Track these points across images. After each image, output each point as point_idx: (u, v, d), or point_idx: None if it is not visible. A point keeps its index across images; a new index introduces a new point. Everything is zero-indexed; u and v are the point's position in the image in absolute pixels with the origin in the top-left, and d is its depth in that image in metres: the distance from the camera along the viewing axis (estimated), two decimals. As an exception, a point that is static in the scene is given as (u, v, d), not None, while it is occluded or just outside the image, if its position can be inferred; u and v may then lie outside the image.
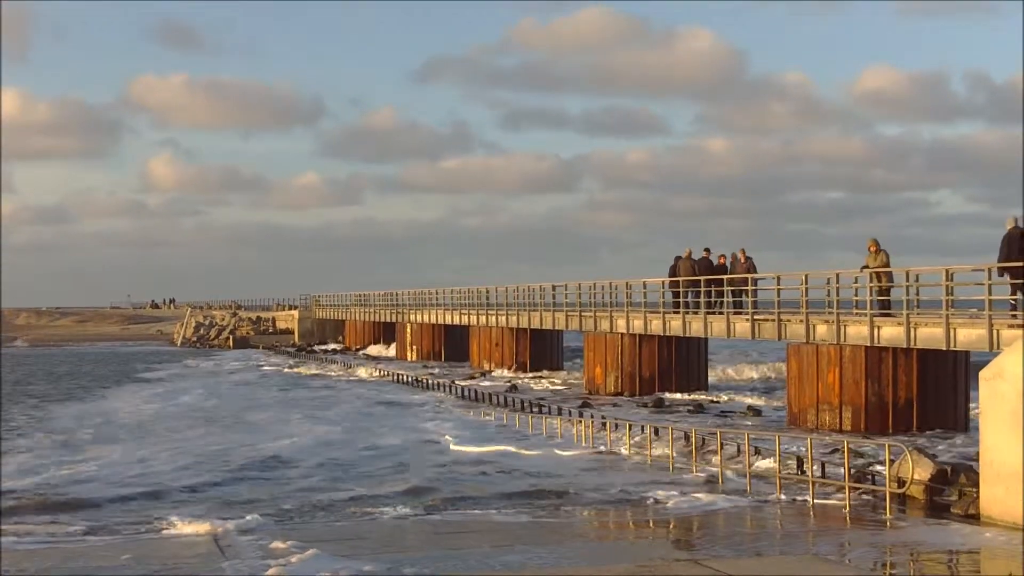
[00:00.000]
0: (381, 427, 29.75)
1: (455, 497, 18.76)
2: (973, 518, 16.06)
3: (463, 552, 14.56)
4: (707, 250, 35.42)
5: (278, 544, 14.85)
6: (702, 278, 34.25)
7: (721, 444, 20.47)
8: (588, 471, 21.48)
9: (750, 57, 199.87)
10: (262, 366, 60.62)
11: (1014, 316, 23.05)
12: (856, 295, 27.82)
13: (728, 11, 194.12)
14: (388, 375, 48.76)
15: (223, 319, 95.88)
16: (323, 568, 13.33)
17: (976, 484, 16.62)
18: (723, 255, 34.72)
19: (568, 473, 21.18)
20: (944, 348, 24.43)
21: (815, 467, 18.86)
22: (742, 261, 33.10)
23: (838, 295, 27.66)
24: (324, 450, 25.17)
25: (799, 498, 17.91)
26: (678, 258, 35.94)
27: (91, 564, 14.11)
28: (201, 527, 16.07)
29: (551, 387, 42.15)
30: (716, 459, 20.39)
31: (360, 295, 78.59)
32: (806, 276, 28.97)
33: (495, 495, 18.94)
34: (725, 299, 33.22)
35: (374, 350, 70.01)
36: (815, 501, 17.53)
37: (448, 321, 58.32)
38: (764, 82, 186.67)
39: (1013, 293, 23.54)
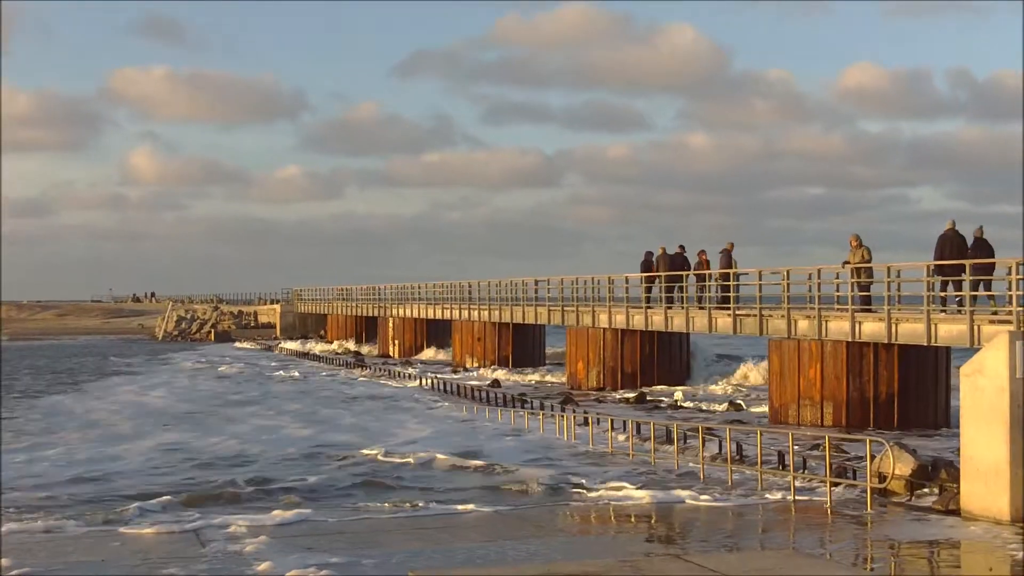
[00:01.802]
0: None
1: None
2: (954, 513, 16.11)
3: (444, 547, 14.55)
4: (681, 247, 35.66)
5: (245, 535, 14.97)
6: (683, 273, 34.50)
7: (703, 440, 20.48)
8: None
9: (733, 53, 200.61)
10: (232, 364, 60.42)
11: (943, 310, 24.11)
12: (837, 291, 27.90)
13: (711, 7, 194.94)
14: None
15: (204, 313, 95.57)
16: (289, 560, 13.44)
17: (957, 479, 16.68)
18: (703, 251, 34.79)
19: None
20: (925, 344, 24.50)
21: (796, 462, 18.89)
22: (729, 251, 32.73)
23: (819, 291, 27.74)
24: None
25: (780, 493, 17.92)
26: (649, 253, 36.48)
27: (79, 557, 14.17)
28: (175, 526, 16.10)
29: (533, 382, 42.13)
30: (698, 455, 20.41)
31: (342, 289, 78.46)
32: (787, 272, 29.03)
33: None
34: (707, 294, 33.29)
35: (356, 345, 69.75)
36: (796, 496, 17.56)
37: (430, 316, 58.25)
38: (747, 78, 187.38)
39: (943, 289, 25.23)
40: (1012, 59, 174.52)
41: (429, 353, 58.45)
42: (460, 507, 17.40)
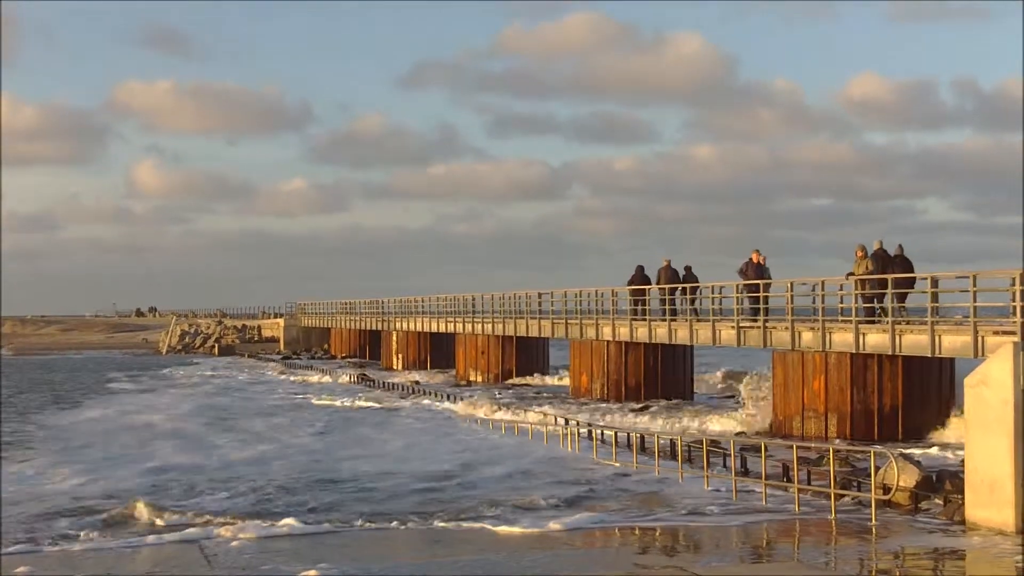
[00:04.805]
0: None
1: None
2: (958, 524, 16.09)
3: (447, 559, 14.57)
4: (667, 260, 36.16)
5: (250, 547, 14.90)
6: (684, 286, 34.55)
7: (707, 452, 20.46)
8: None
9: (739, 63, 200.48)
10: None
11: (871, 322, 26.16)
12: (841, 302, 27.88)
13: (717, 17, 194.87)
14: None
15: (208, 327, 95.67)
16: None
17: (961, 490, 16.66)
18: (688, 265, 35.29)
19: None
20: (929, 355, 24.49)
21: (800, 474, 18.88)
22: (754, 263, 32.18)
23: (824, 302, 27.72)
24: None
25: (784, 505, 17.90)
26: (639, 267, 37.17)
27: (89, 571, 14.14)
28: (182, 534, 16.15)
29: (536, 394, 42.09)
30: (702, 467, 20.38)
31: (346, 303, 78.46)
32: (791, 283, 29.01)
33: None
34: (713, 306, 33.24)
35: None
36: (800, 508, 17.53)
37: (434, 329, 58.23)
38: (752, 89, 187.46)
39: (869, 301, 26.84)
40: (1018, 69, 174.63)
41: (426, 375, 58.42)
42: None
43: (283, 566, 14.10)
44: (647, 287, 36.45)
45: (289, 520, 17.08)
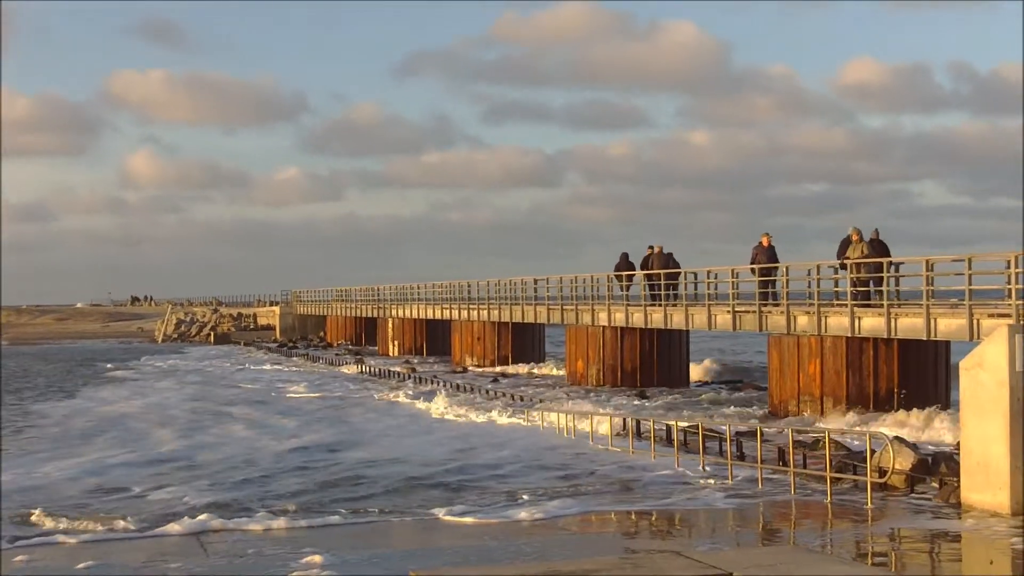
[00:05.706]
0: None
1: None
2: (954, 507, 16.12)
3: (442, 546, 14.58)
4: (651, 247, 36.64)
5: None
6: (679, 271, 34.54)
7: (703, 436, 20.47)
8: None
9: (734, 50, 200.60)
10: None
11: (867, 306, 26.21)
12: (836, 286, 27.87)
13: (712, 4, 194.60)
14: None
15: (204, 315, 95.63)
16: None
17: (957, 473, 16.68)
18: (670, 252, 35.57)
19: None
20: (925, 338, 24.50)
21: (796, 458, 18.89)
22: (764, 246, 31.85)
23: (819, 286, 27.72)
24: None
25: (781, 489, 17.92)
26: (624, 254, 37.83)
27: (87, 563, 14.08)
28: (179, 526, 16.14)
29: (532, 380, 42.11)
30: (698, 451, 20.39)
31: (341, 290, 78.41)
32: (787, 268, 29.00)
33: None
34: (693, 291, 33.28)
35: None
36: (796, 492, 17.55)
37: (430, 316, 58.22)
38: (748, 75, 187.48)
39: (864, 285, 26.89)
40: (1013, 52, 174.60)
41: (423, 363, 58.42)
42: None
43: (280, 554, 14.11)
44: (633, 273, 36.65)
45: (281, 516, 17.01)
